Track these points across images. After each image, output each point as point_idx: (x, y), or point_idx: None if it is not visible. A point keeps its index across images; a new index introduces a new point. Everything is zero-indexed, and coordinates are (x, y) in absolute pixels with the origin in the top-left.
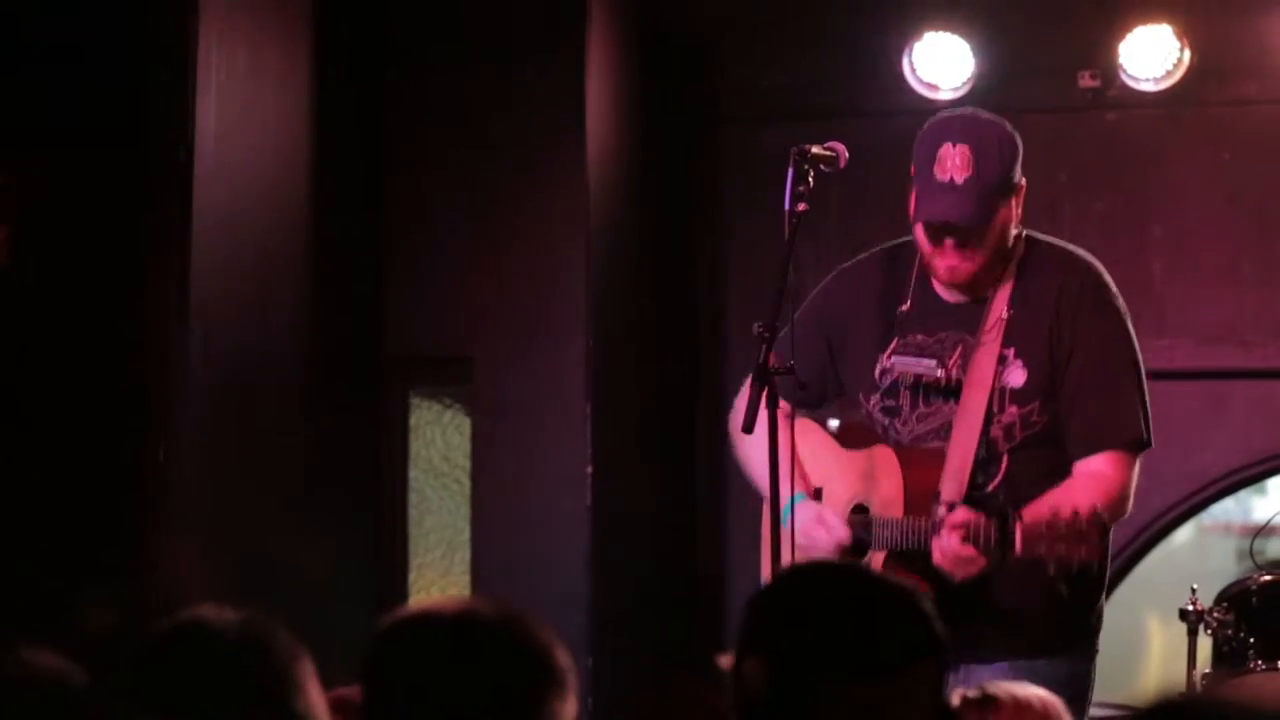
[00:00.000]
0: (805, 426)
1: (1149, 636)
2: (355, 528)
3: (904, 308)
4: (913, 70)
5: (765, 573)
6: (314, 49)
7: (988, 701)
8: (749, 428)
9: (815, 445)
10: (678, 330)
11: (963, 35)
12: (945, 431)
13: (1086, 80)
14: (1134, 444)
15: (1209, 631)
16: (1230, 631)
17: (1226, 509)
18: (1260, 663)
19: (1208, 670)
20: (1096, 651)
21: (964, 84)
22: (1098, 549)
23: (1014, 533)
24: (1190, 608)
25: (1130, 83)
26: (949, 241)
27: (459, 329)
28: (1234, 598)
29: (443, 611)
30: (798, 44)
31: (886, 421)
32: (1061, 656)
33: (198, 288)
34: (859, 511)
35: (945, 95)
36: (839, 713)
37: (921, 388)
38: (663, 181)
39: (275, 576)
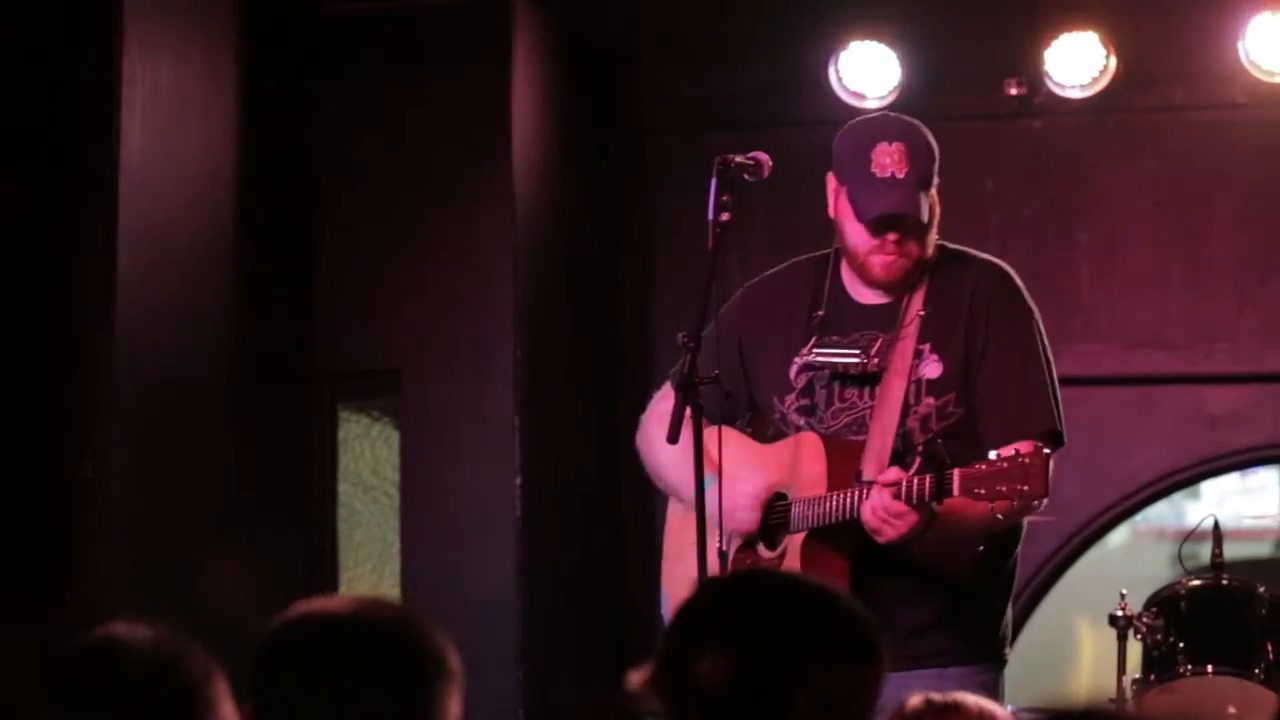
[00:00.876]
0: (721, 434)
1: (1080, 642)
2: (284, 542)
3: (820, 313)
4: (839, 79)
5: (667, 578)
6: (239, 61)
7: (951, 708)
8: (674, 438)
9: (732, 444)
10: (605, 342)
11: (888, 44)
12: (860, 426)
13: (1013, 88)
14: (1049, 436)
15: (1138, 636)
16: (1159, 636)
17: (1161, 513)
18: (1189, 667)
19: (1137, 676)
20: (1005, 663)
21: (890, 93)
22: (1044, 484)
23: (950, 478)
24: (1120, 613)
25: (1056, 90)
26: (892, 237)
27: (387, 342)
28: (1163, 603)
29: (330, 611)
30: (724, 54)
31: (802, 421)
32: (970, 666)
33: (123, 302)
34: (778, 499)
35: (871, 104)
36: (819, 699)
37: (838, 381)
38: (590, 193)
39: (203, 592)
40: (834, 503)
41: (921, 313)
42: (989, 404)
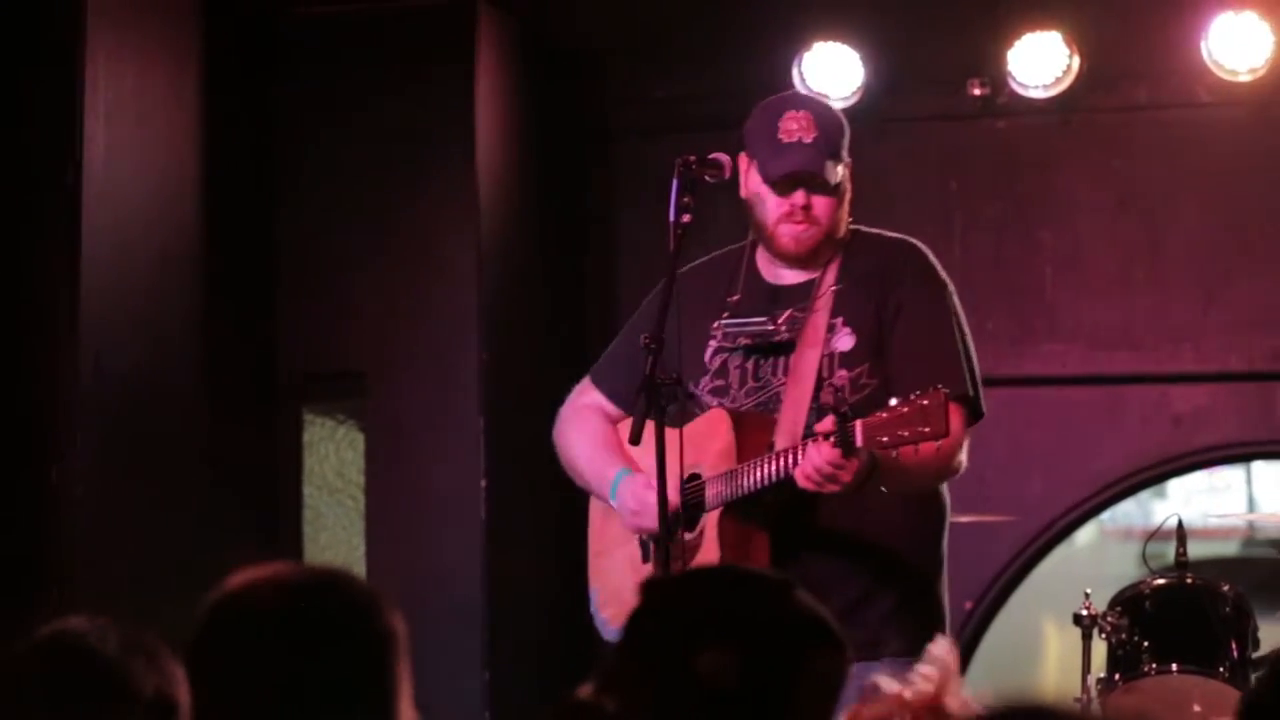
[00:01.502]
0: (627, 424)
1: (1045, 641)
2: (249, 545)
3: (734, 297)
4: (803, 80)
5: (595, 574)
6: (203, 67)
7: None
8: (636, 439)
9: (647, 438)
10: (571, 343)
11: (852, 45)
12: (774, 404)
13: (976, 88)
14: (962, 400)
15: (1103, 636)
16: (1124, 636)
17: (1128, 512)
18: (1153, 666)
19: (1102, 675)
20: None
21: (854, 93)
22: (944, 424)
23: (853, 430)
24: (1084, 612)
25: (1020, 90)
26: (799, 199)
27: (352, 345)
28: (1127, 602)
29: (264, 581)
30: (688, 56)
31: (715, 402)
32: (906, 659)
33: (88, 309)
34: (690, 481)
35: (835, 105)
36: (817, 687)
37: (751, 360)
38: (555, 195)
39: (169, 595)
40: (759, 469)
41: (834, 287)
42: (900, 371)
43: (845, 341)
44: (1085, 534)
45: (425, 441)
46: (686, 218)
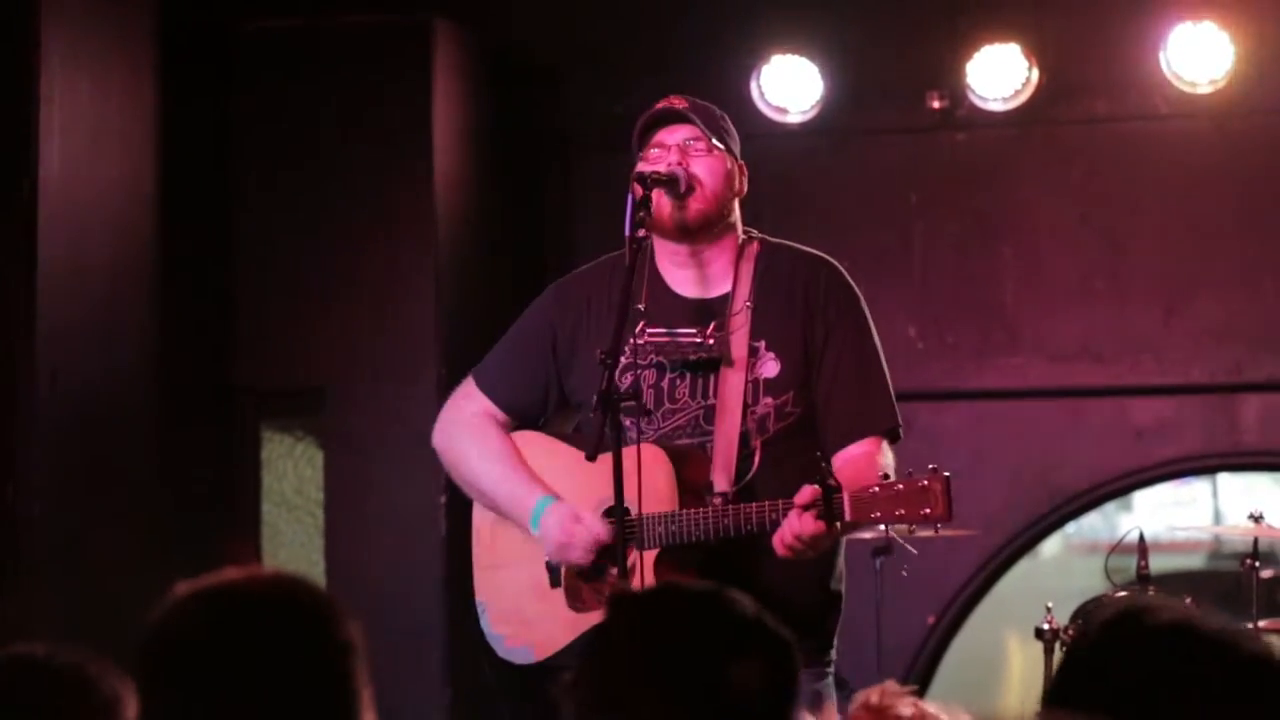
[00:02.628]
0: (529, 438)
1: (1009, 656)
2: (206, 563)
3: (640, 305)
4: (761, 94)
5: (483, 588)
6: (159, 80)
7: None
8: (593, 456)
9: (547, 455)
10: None
11: (810, 58)
12: (694, 428)
13: (935, 101)
14: (891, 433)
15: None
16: None
17: (1093, 526)
18: None
19: None
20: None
21: (813, 107)
22: (948, 509)
23: (840, 502)
24: (1046, 626)
25: (979, 103)
26: (665, 137)
27: (310, 360)
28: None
29: (215, 589)
30: (646, 69)
31: (628, 423)
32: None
33: (45, 324)
34: (612, 514)
35: (794, 118)
36: (800, 690)
37: (666, 376)
38: (514, 209)
39: (124, 614)
40: (688, 521)
41: (749, 303)
42: (830, 404)
43: (769, 368)
44: (1050, 547)
45: (384, 457)
46: (642, 232)
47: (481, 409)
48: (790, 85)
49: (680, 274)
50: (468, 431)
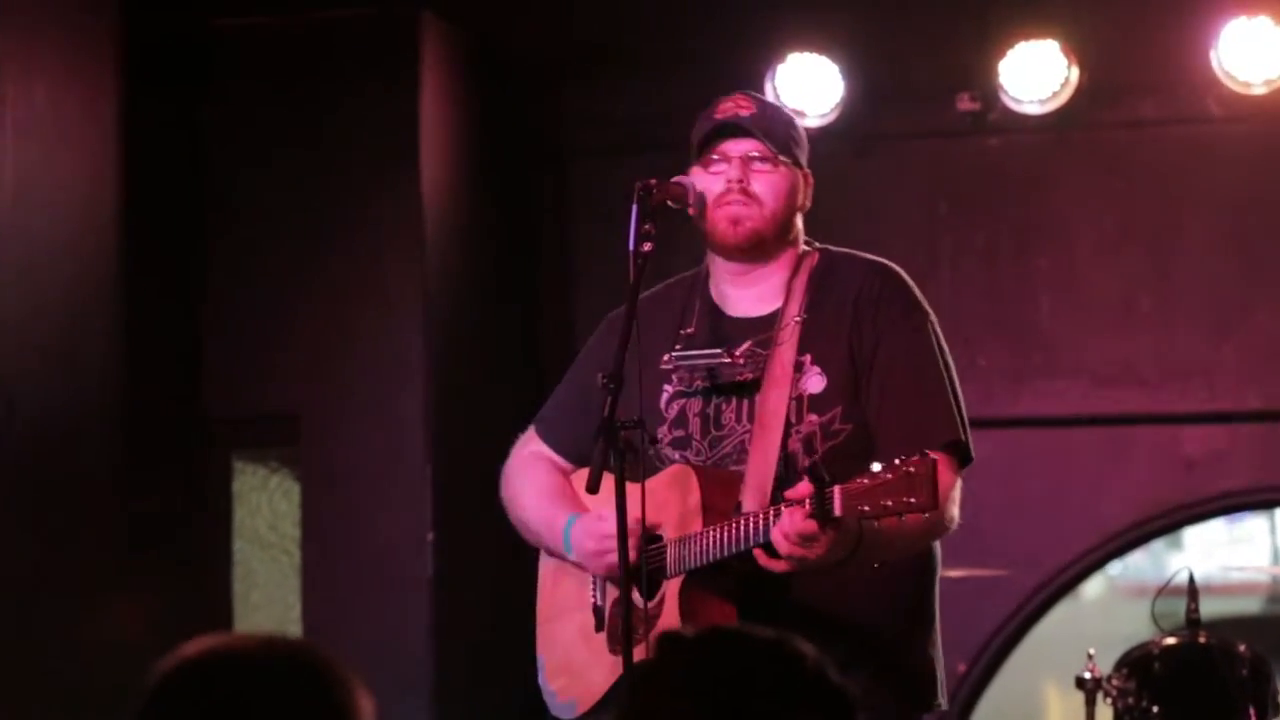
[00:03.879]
0: (581, 475)
1: (1047, 706)
2: (175, 604)
3: (688, 330)
4: (776, 96)
5: (543, 642)
6: (124, 82)
7: None
8: (595, 487)
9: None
10: (525, 380)
11: (830, 56)
12: (742, 455)
13: (965, 103)
14: (953, 447)
15: (1109, 700)
16: (1131, 700)
17: (1139, 566)
18: None
19: None
20: (939, 709)
21: (832, 109)
22: (932, 495)
23: (830, 498)
24: (1087, 674)
25: (1013, 105)
26: (733, 172)
27: (285, 385)
28: (1135, 663)
29: (226, 651)
30: (651, 70)
31: (677, 455)
32: (891, 703)
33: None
34: (650, 543)
35: (812, 122)
36: None
37: (712, 401)
38: (508, 221)
39: (89, 657)
40: (724, 535)
41: (799, 318)
42: (882, 417)
43: (815, 382)
44: (1092, 589)
45: (366, 490)
46: (647, 247)
47: (538, 450)
48: (808, 86)
49: (734, 293)
50: (519, 473)
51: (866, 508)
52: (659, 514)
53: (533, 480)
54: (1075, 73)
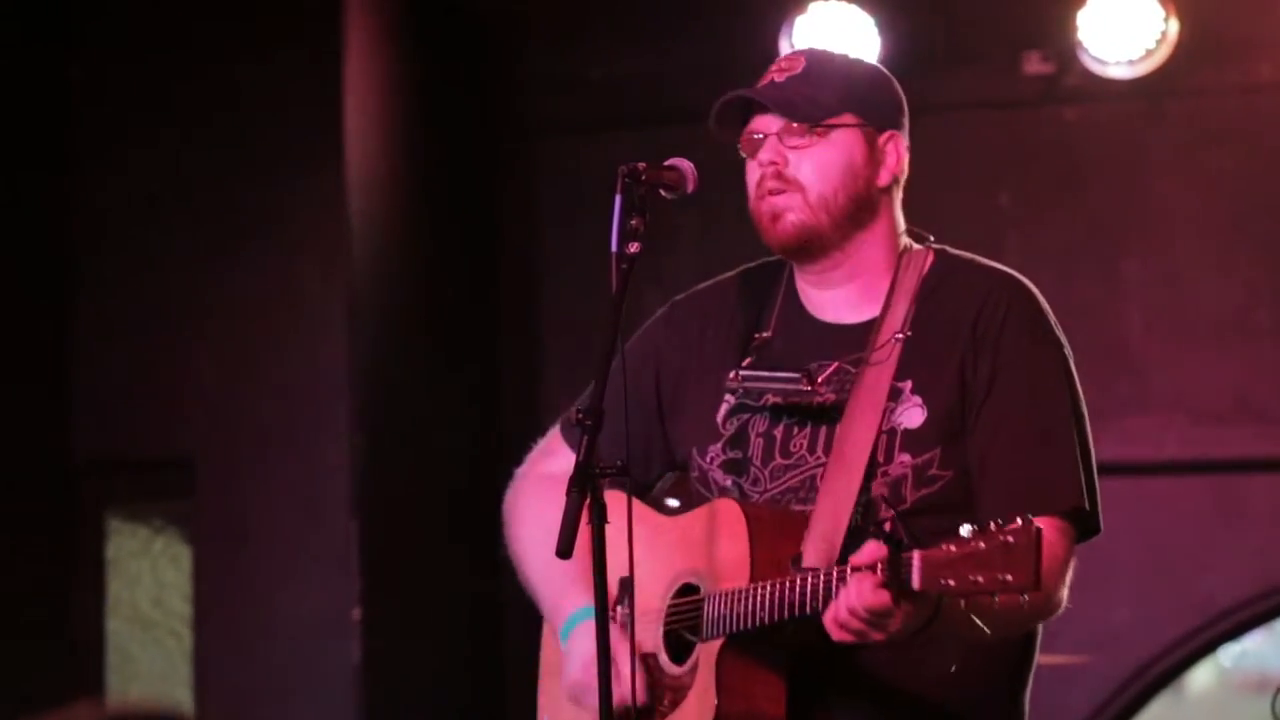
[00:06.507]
0: (608, 499)
1: None
2: (34, 698)
3: (765, 334)
4: None
5: (545, 698)
6: None
7: None
8: (566, 551)
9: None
10: (478, 415)
11: (864, 6)
12: (808, 494)
13: (1035, 64)
14: (1073, 515)
15: None
16: None
17: (1258, 652)
18: None
19: None
20: None
21: None
22: (1033, 573)
23: (908, 565)
24: None
25: (1095, 67)
26: (763, 156)
27: (175, 423)
28: None
29: None
30: (636, 26)
31: (729, 482)
32: None
33: None
34: (685, 594)
35: None
36: None
37: (782, 423)
38: (458, 216)
39: None
40: (776, 594)
41: (901, 335)
42: (987, 470)
43: (913, 415)
44: (1200, 680)
45: (276, 555)
46: (635, 247)
47: (561, 470)
48: (836, 41)
49: (818, 294)
50: (527, 504)
51: (952, 582)
52: (696, 558)
53: (544, 523)
54: (1174, 25)
